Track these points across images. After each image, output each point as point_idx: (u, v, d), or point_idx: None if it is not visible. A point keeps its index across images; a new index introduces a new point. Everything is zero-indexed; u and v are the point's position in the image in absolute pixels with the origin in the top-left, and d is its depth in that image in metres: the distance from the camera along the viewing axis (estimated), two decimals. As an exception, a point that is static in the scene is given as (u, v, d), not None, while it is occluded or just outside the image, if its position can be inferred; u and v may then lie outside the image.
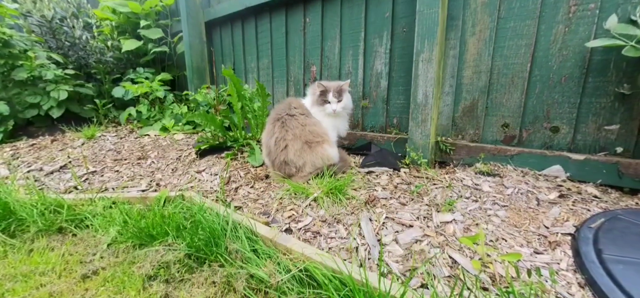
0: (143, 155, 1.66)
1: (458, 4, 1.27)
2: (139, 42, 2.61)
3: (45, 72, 1.98)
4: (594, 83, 1.07)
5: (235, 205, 1.09)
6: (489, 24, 1.22)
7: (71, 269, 0.83)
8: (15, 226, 1.01)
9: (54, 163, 1.57)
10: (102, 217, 1.01)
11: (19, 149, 1.82)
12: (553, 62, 1.13)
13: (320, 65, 1.81)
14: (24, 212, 1.00)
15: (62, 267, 0.83)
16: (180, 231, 0.88)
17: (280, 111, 1.19)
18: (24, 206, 1.05)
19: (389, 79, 1.53)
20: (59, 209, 1.06)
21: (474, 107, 1.31)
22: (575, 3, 1.06)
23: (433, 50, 1.20)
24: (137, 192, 1.21)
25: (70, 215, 1.02)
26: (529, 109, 1.19)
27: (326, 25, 1.73)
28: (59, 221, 1.01)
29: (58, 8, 2.33)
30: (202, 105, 2.03)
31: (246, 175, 1.33)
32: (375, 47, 1.56)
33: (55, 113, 2.09)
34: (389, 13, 1.47)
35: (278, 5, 1.94)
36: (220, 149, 1.64)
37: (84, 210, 1.05)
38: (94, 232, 0.97)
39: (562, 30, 1.09)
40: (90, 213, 1.04)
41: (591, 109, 1.08)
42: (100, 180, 1.38)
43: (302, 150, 1.12)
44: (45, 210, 1.04)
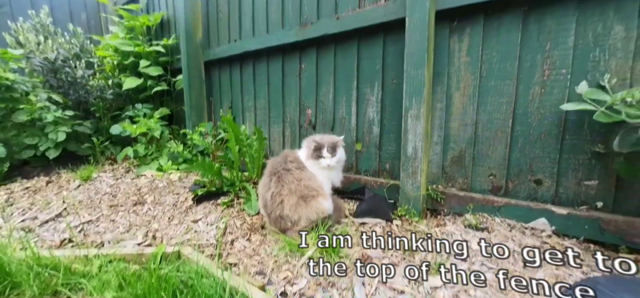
0: (139, 200, 1.67)
1: (443, 60, 1.36)
2: (139, 80, 2.68)
3: (46, 114, 2.02)
4: (571, 141, 1.14)
5: (230, 261, 1.10)
6: (472, 81, 1.31)
7: (65, 342, 0.82)
8: (10, 289, 1.01)
9: (49, 211, 1.57)
10: (98, 279, 1.01)
11: (14, 193, 1.82)
12: (532, 119, 1.20)
13: (316, 108, 1.88)
14: (19, 276, 1.00)
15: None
16: (176, 297, 0.89)
17: (277, 165, 1.24)
18: (20, 266, 1.05)
19: (380, 126, 1.60)
20: (54, 270, 1.06)
21: (462, 157, 1.37)
22: (549, 67, 1.15)
23: (420, 108, 1.27)
24: (133, 248, 1.22)
25: (65, 278, 1.02)
26: (513, 162, 1.25)
27: (321, 72, 1.82)
28: (55, 284, 1.01)
29: (62, 49, 2.41)
30: (198, 148, 2.07)
31: (242, 226, 1.35)
32: (367, 95, 1.63)
33: (52, 154, 2.11)
34: (379, 65, 1.57)
35: (275, 51, 2.03)
36: (216, 194, 1.66)
37: (79, 270, 1.06)
38: (89, 296, 0.97)
39: (539, 91, 1.18)
40: (86, 274, 1.04)
41: (570, 164, 1.15)
42: (96, 230, 1.39)
43: (298, 204, 1.15)
44: (41, 271, 1.04)
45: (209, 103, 2.62)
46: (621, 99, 0.92)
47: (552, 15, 1.13)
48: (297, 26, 1.85)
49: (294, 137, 2.03)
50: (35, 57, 2.27)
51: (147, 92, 2.82)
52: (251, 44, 2.11)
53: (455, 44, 1.33)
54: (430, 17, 1.25)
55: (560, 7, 1.11)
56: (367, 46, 1.60)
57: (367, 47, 1.60)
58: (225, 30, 2.37)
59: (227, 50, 2.32)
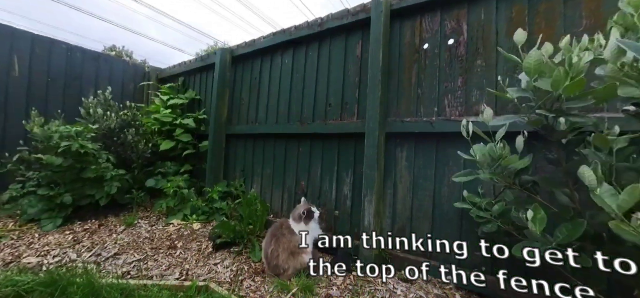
0: (172, 245, 2.26)
1: (391, 163, 2.06)
2: (172, 143, 3.43)
3: (107, 173, 2.70)
4: (466, 225, 1.77)
5: (241, 294, 1.66)
6: (409, 178, 1.99)
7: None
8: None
9: (107, 250, 2.15)
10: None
11: (77, 233, 2.41)
12: (444, 208, 1.85)
13: (307, 182, 2.56)
14: (105, 293, 1.57)
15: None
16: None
17: (276, 229, 1.86)
18: (101, 288, 1.61)
19: (352, 201, 2.25)
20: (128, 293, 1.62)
21: (404, 228, 1.99)
22: (452, 178, 1.84)
23: (373, 196, 1.94)
24: (175, 281, 1.79)
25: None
26: (434, 234, 1.87)
27: (312, 157, 2.53)
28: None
29: (119, 119, 3.18)
30: (215, 208, 2.73)
31: (248, 269, 1.92)
32: (344, 178, 2.32)
33: (103, 201, 2.73)
34: (352, 158, 2.27)
35: (281, 136, 2.78)
36: (230, 244, 2.25)
37: (142, 294, 1.62)
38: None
39: (447, 191, 1.85)
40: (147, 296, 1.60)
41: (466, 239, 1.76)
42: (145, 266, 1.95)
43: (288, 258, 1.75)
44: (119, 294, 1.60)
45: (225, 165, 3.32)
46: (483, 203, 1.58)
47: (453, 146, 1.85)
48: (298, 122, 2.62)
49: (290, 200, 2.67)
50: (101, 125, 3.03)
51: (176, 152, 3.54)
52: (264, 128, 2.88)
53: (399, 153, 2.05)
54: (380, 138, 1.99)
55: (458, 140, 1.84)
56: (344, 145, 2.33)
57: (344, 145, 2.33)
58: (245, 114, 3.17)
59: (245, 129, 3.09)
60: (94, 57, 3.97)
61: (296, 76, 2.72)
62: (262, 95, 3.01)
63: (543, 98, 1.11)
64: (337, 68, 2.43)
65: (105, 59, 4.18)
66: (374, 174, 1.96)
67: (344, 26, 2.37)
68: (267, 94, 2.95)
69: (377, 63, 2.05)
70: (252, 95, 3.11)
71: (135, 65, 4.60)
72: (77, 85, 3.74)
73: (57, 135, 2.55)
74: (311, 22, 2.61)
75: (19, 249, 2.12)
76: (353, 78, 2.33)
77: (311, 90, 2.58)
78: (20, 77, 3.31)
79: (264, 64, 3.04)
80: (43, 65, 3.48)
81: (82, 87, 3.76)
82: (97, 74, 3.97)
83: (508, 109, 1.66)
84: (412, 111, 2.01)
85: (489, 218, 1.52)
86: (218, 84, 3.24)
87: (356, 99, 2.29)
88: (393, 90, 2.09)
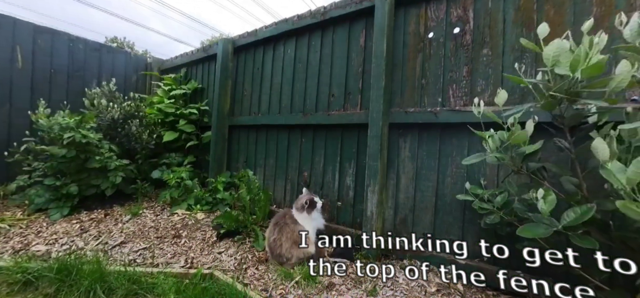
0: (177, 234, 2.29)
1: (394, 154, 2.05)
2: (176, 134, 3.44)
3: (111, 163, 2.72)
4: (469, 215, 1.77)
5: (245, 281, 1.69)
6: (412, 169, 1.99)
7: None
8: (105, 290, 1.60)
9: (114, 239, 2.18)
10: (161, 288, 1.60)
11: (83, 222, 2.45)
12: (447, 198, 1.85)
13: (310, 172, 2.56)
14: (115, 281, 1.60)
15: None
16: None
17: (279, 218, 1.88)
18: (109, 275, 1.65)
19: (354, 192, 2.26)
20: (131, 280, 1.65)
21: (406, 219, 2.00)
22: (455, 167, 1.83)
23: (376, 186, 1.94)
24: (180, 268, 1.82)
25: (141, 285, 1.62)
26: (437, 225, 1.88)
27: (315, 147, 2.53)
28: (136, 289, 1.60)
29: (123, 111, 3.19)
30: (219, 199, 2.75)
31: (252, 258, 1.95)
32: (346, 169, 2.32)
33: (108, 192, 2.77)
34: (355, 149, 2.27)
35: (283, 127, 2.78)
36: (233, 233, 2.27)
37: (149, 281, 1.65)
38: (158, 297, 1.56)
39: (450, 181, 1.84)
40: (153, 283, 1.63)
41: (469, 230, 1.77)
42: (150, 255, 1.99)
43: (291, 247, 1.77)
44: (126, 280, 1.63)
45: (228, 156, 3.33)
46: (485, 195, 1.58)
47: (457, 137, 1.84)
48: (300, 113, 2.61)
49: (293, 191, 2.68)
50: (105, 117, 3.05)
51: (180, 143, 3.56)
52: (267, 119, 2.88)
53: (402, 143, 2.04)
54: (383, 129, 1.98)
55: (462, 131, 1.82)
56: (347, 135, 2.32)
57: (347, 136, 2.32)
58: (247, 105, 3.16)
59: (247, 120, 3.09)
60: (96, 48, 3.96)
61: (299, 66, 2.70)
62: (264, 86, 2.99)
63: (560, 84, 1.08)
64: (341, 58, 2.40)
65: (108, 50, 4.17)
66: (377, 165, 1.96)
67: (348, 15, 2.33)
68: (270, 84, 2.94)
69: (381, 52, 2.02)
70: (255, 85, 3.09)
71: (137, 56, 4.59)
72: (79, 76, 3.74)
73: (57, 127, 2.57)
74: (314, 11, 2.58)
75: (28, 237, 2.16)
76: (356, 68, 2.30)
77: (314, 81, 2.56)
78: (23, 68, 3.32)
79: (266, 54, 3.02)
80: (46, 56, 3.48)
81: (85, 78, 3.77)
82: (100, 66, 3.96)
83: (515, 99, 1.64)
84: (416, 101, 1.99)
85: (492, 209, 1.52)
86: (220, 75, 3.23)
87: (359, 89, 2.27)
88: (397, 80, 2.07)
